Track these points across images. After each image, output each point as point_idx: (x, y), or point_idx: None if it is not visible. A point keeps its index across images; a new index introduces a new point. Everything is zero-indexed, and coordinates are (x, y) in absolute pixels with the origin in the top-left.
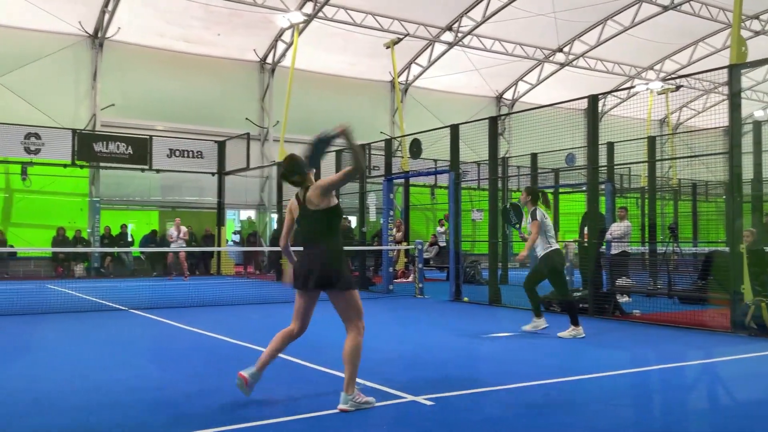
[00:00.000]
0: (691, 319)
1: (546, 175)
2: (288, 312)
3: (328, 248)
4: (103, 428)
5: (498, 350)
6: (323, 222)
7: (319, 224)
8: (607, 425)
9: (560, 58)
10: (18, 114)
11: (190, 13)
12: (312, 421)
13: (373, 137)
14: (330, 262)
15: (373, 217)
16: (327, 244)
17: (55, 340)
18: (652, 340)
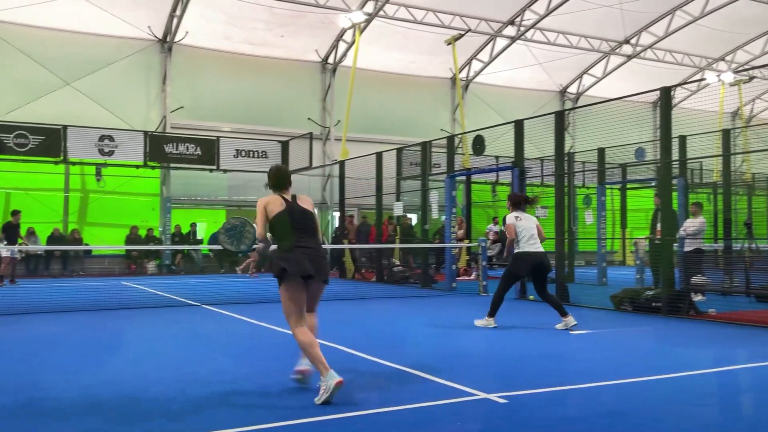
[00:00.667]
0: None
1: (613, 170)
2: (354, 309)
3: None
4: (183, 419)
5: (568, 348)
6: (314, 222)
7: (313, 223)
8: (691, 426)
9: (627, 50)
10: (92, 117)
11: (255, 15)
12: (386, 416)
13: (434, 135)
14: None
15: (435, 215)
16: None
17: (132, 335)
18: (729, 340)
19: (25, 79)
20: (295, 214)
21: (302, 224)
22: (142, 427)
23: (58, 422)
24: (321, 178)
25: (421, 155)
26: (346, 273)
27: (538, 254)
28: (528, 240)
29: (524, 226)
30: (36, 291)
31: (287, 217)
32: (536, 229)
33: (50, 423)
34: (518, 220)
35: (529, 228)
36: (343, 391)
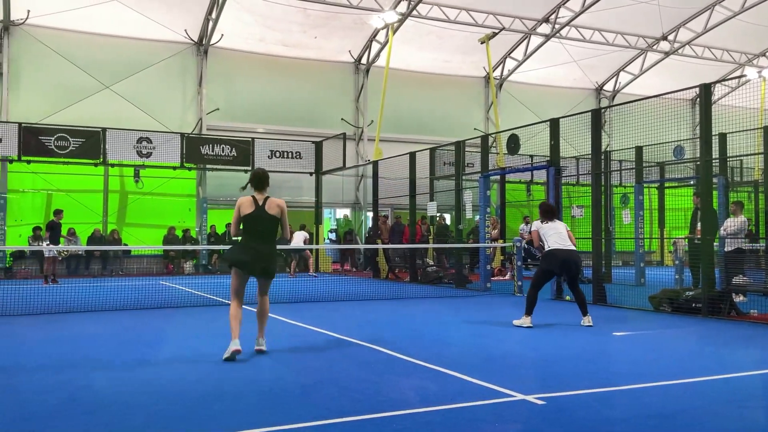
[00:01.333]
0: None
1: (650, 168)
2: (388, 309)
3: (274, 246)
4: (224, 417)
5: (607, 349)
6: (271, 225)
7: (269, 226)
8: (735, 428)
9: (664, 47)
10: (130, 119)
11: (289, 17)
12: (424, 416)
13: (467, 134)
14: (274, 257)
15: (469, 215)
16: (274, 243)
17: (171, 334)
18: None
19: (65, 82)
20: (255, 218)
21: (256, 227)
22: (182, 426)
23: (99, 419)
24: (354, 178)
25: (455, 155)
26: (380, 273)
27: (567, 251)
28: (554, 238)
29: (551, 227)
30: (77, 290)
31: (249, 219)
32: (564, 229)
33: (91, 420)
34: (544, 223)
35: (556, 228)
36: (382, 387)
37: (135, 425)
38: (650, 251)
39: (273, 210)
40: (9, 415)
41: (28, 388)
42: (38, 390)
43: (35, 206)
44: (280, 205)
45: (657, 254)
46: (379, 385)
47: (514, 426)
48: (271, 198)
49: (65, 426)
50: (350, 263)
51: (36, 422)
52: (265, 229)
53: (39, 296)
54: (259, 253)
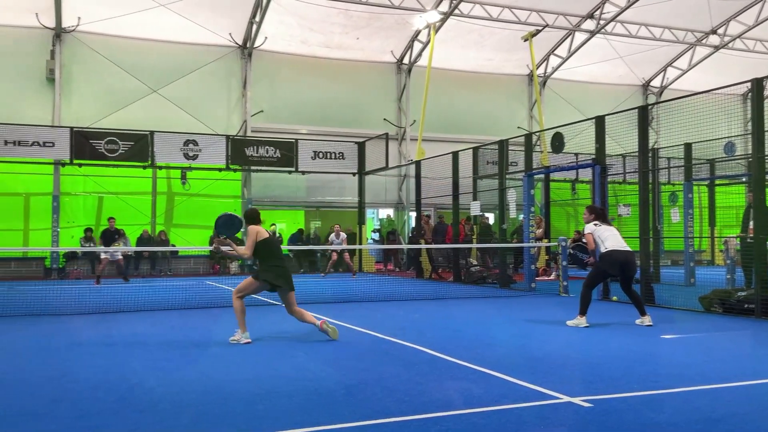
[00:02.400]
0: None
1: (700, 166)
2: (432, 309)
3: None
4: (270, 416)
5: (655, 351)
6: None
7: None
8: None
9: (714, 41)
10: (177, 122)
11: (331, 19)
12: (470, 418)
13: (510, 132)
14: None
15: (513, 214)
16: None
17: (217, 333)
18: None
19: (114, 87)
20: (275, 242)
21: (278, 249)
22: (229, 425)
23: (149, 418)
24: (397, 178)
25: (499, 154)
26: (423, 273)
27: (624, 252)
28: (612, 240)
29: (607, 229)
30: (126, 290)
31: (274, 243)
32: (617, 232)
33: (142, 419)
34: (597, 226)
35: (611, 230)
36: (427, 388)
37: (184, 423)
38: (700, 250)
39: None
40: (64, 413)
41: (82, 387)
42: (91, 388)
43: (87, 208)
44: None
45: (707, 253)
46: (424, 386)
47: (560, 429)
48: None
49: (117, 423)
50: (393, 263)
51: (90, 420)
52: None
53: (91, 296)
54: (287, 270)
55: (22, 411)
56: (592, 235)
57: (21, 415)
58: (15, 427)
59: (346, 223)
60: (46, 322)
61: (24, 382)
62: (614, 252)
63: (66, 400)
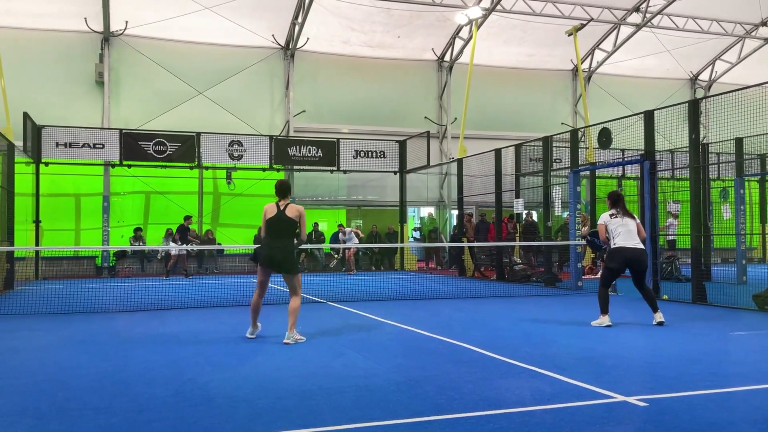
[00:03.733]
0: None
1: (752, 161)
2: (477, 307)
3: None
4: (322, 411)
5: (709, 350)
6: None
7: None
8: None
9: (764, 33)
10: (222, 123)
11: (373, 18)
12: (522, 416)
13: (554, 129)
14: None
15: (557, 212)
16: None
17: (266, 330)
18: None
19: (161, 89)
20: (274, 221)
21: (276, 229)
22: (283, 420)
23: (205, 412)
24: (438, 176)
25: (543, 150)
26: (466, 271)
27: (631, 249)
28: (623, 236)
29: (620, 223)
30: (176, 288)
31: (270, 222)
32: (634, 226)
33: (200, 412)
34: (613, 217)
35: (626, 225)
36: (478, 386)
37: (238, 418)
38: (751, 247)
39: (292, 213)
40: (124, 406)
41: (138, 382)
42: (147, 383)
43: (135, 208)
44: (299, 210)
45: (758, 251)
46: (474, 384)
47: (616, 428)
48: (290, 205)
49: (174, 417)
50: (435, 261)
51: (149, 414)
52: (284, 229)
53: (141, 294)
54: (277, 252)
55: (84, 405)
56: (604, 226)
57: (83, 409)
58: (79, 419)
59: (387, 222)
60: (99, 319)
61: (83, 377)
62: (621, 249)
63: (124, 394)
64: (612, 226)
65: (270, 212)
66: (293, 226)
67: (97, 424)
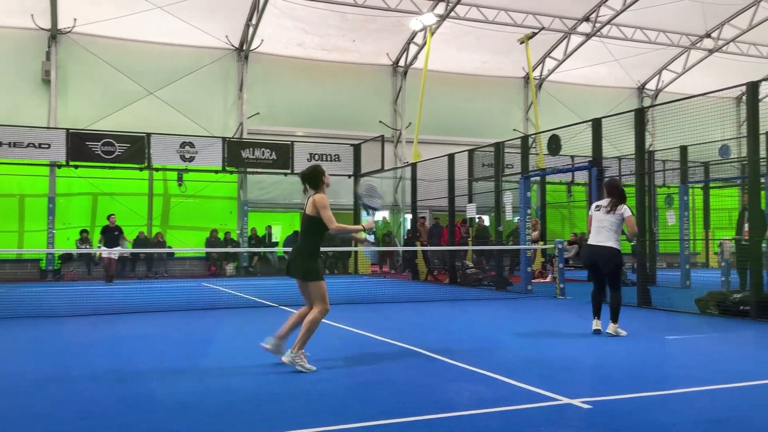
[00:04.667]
0: None
1: (695, 169)
2: (428, 311)
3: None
4: (274, 418)
5: (653, 353)
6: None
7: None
8: None
9: (708, 44)
10: (174, 125)
11: (328, 22)
12: (470, 419)
13: (506, 135)
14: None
15: (509, 216)
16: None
17: (217, 335)
18: None
19: (111, 89)
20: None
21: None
22: (232, 427)
23: (154, 417)
24: (393, 180)
25: (494, 156)
26: (419, 275)
27: (593, 247)
28: (593, 233)
29: (596, 217)
30: (123, 292)
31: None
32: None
33: (147, 419)
34: (596, 210)
35: (599, 218)
36: (428, 390)
37: (187, 425)
38: (695, 253)
39: (308, 206)
40: (67, 414)
41: (83, 388)
42: (92, 389)
43: (82, 210)
44: (315, 201)
45: (702, 256)
46: (424, 387)
47: (560, 430)
48: (312, 196)
49: (120, 424)
50: (389, 265)
51: (92, 420)
52: (301, 229)
53: (87, 298)
54: (292, 256)
55: (24, 414)
56: (590, 217)
57: (24, 418)
58: (20, 427)
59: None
60: (44, 324)
61: (25, 383)
62: (588, 247)
63: (68, 401)
64: (593, 219)
65: None
66: (310, 223)
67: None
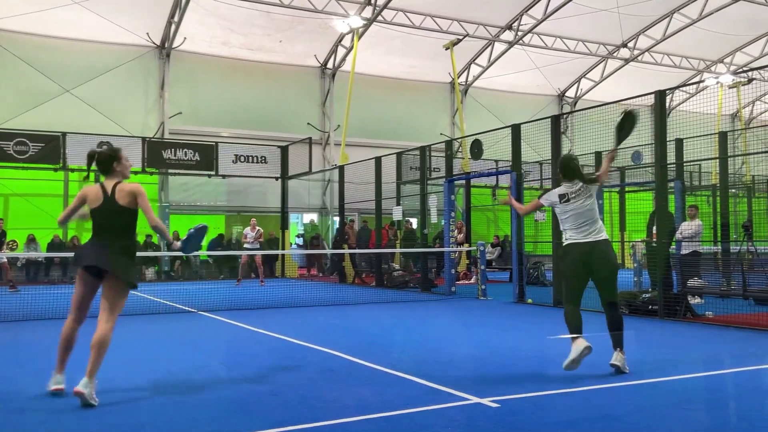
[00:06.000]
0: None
1: (611, 173)
2: (353, 314)
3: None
4: (178, 424)
5: (561, 352)
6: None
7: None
8: (684, 430)
9: (625, 54)
10: (91, 124)
11: (253, 21)
12: (380, 422)
13: (433, 139)
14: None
15: (434, 219)
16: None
17: (131, 341)
18: (726, 343)
19: (24, 86)
20: (102, 211)
21: (104, 221)
22: None
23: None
24: (321, 182)
25: (420, 159)
26: (346, 278)
27: (585, 244)
28: (573, 229)
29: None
30: (35, 297)
31: (94, 213)
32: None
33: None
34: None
35: (578, 213)
36: (341, 394)
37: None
38: None
39: (123, 200)
40: None
41: None
42: None
43: None
44: (133, 190)
45: (617, 257)
46: (338, 392)
47: (468, 429)
48: (122, 184)
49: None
50: (317, 268)
51: None
52: (110, 221)
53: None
54: (103, 250)
55: None
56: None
57: None
58: None
59: (269, 228)
60: None
61: None
62: (570, 246)
63: None
64: (558, 210)
65: (93, 200)
66: (126, 217)
67: None
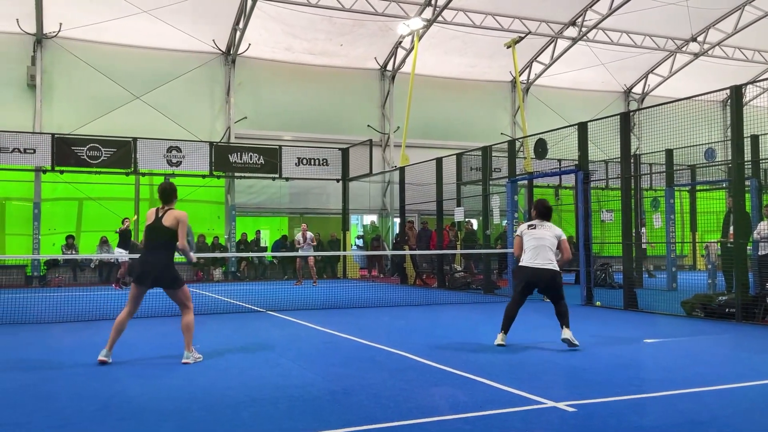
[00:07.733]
0: None
1: (681, 172)
2: (417, 315)
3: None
4: (255, 423)
5: (639, 356)
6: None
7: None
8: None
9: (694, 48)
10: (160, 129)
11: (316, 26)
12: (456, 423)
13: (493, 139)
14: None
15: (496, 220)
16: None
17: (201, 340)
18: None
19: (97, 93)
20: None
21: (148, 237)
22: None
23: (132, 426)
24: (381, 184)
25: (482, 160)
26: (407, 279)
27: (534, 270)
28: (531, 254)
29: (535, 236)
30: (111, 298)
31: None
32: (550, 242)
33: (125, 427)
34: (531, 229)
35: (540, 237)
36: (413, 395)
37: (168, 430)
38: (682, 255)
39: (168, 221)
40: (46, 422)
41: (63, 395)
42: (72, 396)
43: (68, 215)
44: (178, 216)
45: (689, 258)
46: (409, 392)
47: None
48: (170, 210)
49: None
50: (377, 269)
51: (72, 428)
52: (156, 237)
53: (74, 304)
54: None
55: (2, 421)
56: (520, 238)
57: (1, 425)
58: None
59: (330, 230)
60: (28, 330)
61: (4, 391)
62: (526, 268)
63: (47, 408)
64: (526, 239)
65: (148, 219)
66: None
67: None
